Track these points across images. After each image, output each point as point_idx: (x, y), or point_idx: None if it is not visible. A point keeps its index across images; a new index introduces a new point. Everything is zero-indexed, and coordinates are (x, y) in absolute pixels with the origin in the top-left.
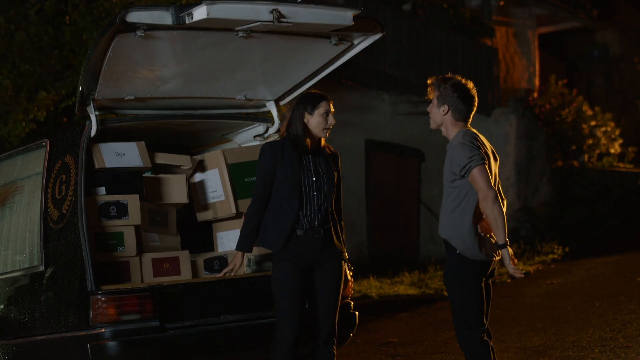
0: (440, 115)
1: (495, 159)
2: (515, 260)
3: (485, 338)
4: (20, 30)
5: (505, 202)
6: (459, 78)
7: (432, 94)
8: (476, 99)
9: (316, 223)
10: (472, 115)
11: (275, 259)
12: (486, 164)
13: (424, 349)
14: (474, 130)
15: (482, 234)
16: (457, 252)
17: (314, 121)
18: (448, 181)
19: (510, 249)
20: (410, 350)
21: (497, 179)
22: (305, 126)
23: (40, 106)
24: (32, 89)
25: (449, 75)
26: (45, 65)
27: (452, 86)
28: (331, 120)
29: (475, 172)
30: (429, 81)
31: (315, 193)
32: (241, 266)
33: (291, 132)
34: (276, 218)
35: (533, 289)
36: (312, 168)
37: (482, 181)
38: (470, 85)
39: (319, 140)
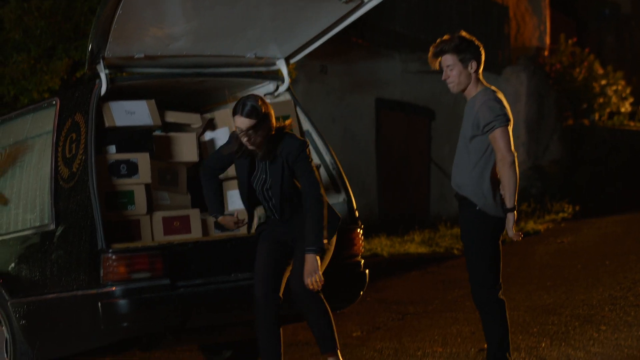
0: (469, 74)
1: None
2: (520, 234)
3: (501, 296)
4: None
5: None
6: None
7: (436, 63)
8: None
9: (275, 217)
10: None
11: (257, 230)
12: (509, 126)
13: (434, 307)
14: (494, 88)
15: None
16: (477, 208)
17: None
18: (466, 138)
19: (515, 214)
20: (420, 309)
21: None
22: None
23: (54, 76)
24: (45, 57)
25: (446, 37)
26: (58, 35)
27: (465, 41)
28: (245, 137)
29: (498, 133)
30: (431, 50)
31: (266, 203)
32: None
33: None
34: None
35: (543, 247)
36: (262, 177)
37: (502, 142)
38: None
39: (270, 142)
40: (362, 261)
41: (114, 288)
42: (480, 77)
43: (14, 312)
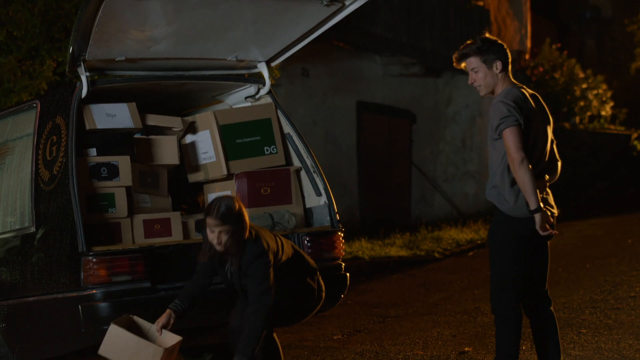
0: (495, 75)
1: (547, 120)
2: (552, 231)
3: (519, 306)
4: (26, 10)
5: (559, 164)
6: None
7: (462, 65)
8: None
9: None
10: None
11: None
12: (519, 126)
13: (415, 310)
14: (522, 88)
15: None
16: (502, 212)
17: None
18: (491, 140)
19: (543, 213)
20: (401, 312)
21: (549, 139)
22: None
23: (42, 79)
24: (28, 58)
25: (469, 42)
26: (45, 35)
27: (487, 42)
28: (216, 238)
29: (506, 134)
30: (456, 56)
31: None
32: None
33: None
34: None
35: None
36: (227, 276)
37: (510, 143)
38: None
39: (242, 246)
40: (343, 264)
41: (94, 291)
42: (510, 75)
43: None
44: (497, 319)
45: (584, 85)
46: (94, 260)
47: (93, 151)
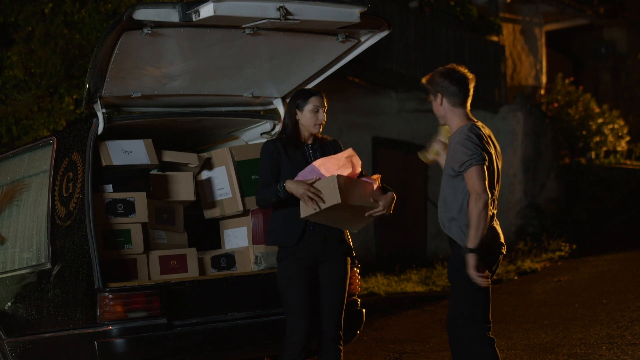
0: (438, 107)
1: (499, 159)
2: (485, 276)
3: (492, 335)
4: (48, 47)
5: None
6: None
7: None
8: (469, 79)
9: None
10: (469, 100)
11: (280, 256)
12: (486, 165)
13: (431, 346)
14: (480, 124)
15: (489, 230)
16: (463, 247)
17: (304, 117)
18: (449, 175)
19: (476, 256)
20: (417, 348)
21: (500, 177)
22: (295, 123)
23: (60, 116)
24: (46, 95)
25: (440, 67)
26: (63, 73)
27: (438, 74)
28: (322, 116)
29: (473, 172)
30: (423, 81)
31: None
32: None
33: (285, 128)
34: (287, 214)
35: (540, 286)
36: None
37: (477, 182)
38: (461, 68)
39: (314, 134)
40: (359, 300)
41: (110, 327)
42: (468, 111)
43: (11, 351)
44: (472, 354)
45: (600, 120)
46: (110, 296)
47: (109, 187)
